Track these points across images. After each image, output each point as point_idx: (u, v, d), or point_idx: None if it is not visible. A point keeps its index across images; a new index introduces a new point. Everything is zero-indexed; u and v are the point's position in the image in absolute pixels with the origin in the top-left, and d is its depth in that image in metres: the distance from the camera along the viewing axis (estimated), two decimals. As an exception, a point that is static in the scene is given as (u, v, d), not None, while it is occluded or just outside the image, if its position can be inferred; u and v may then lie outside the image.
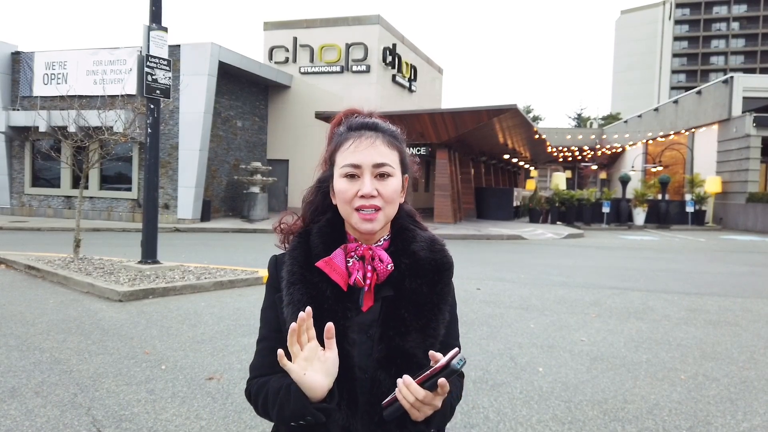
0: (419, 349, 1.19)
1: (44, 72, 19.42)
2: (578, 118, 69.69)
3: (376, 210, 1.19)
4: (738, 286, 9.08)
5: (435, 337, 1.22)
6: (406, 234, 1.28)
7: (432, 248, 1.29)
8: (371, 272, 1.22)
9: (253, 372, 1.29)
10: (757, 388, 4.36)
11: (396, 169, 1.23)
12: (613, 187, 34.88)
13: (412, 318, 1.20)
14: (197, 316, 6.21)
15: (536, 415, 3.73)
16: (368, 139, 1.22)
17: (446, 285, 1.27)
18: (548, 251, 13.88)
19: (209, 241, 14.32)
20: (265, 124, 23.30)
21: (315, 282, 1.20)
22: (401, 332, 1.19)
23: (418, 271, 1.24)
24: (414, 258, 1.25)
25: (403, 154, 1.28)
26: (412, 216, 1.35)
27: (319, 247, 1.24)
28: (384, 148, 1.22)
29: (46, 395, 3.86)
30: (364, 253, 1.22)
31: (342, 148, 1.24)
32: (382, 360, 1.17)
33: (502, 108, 18.14)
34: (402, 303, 1.21)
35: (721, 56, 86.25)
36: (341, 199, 1.22)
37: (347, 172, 1.20)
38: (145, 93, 8.34)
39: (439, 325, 1.23)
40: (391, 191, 1.21)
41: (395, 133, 1.28)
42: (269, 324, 1.28)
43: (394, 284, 1.23)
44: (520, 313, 6.74)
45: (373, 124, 1.26)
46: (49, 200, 20.02)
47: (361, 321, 1.21)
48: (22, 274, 8.57)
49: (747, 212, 23.40)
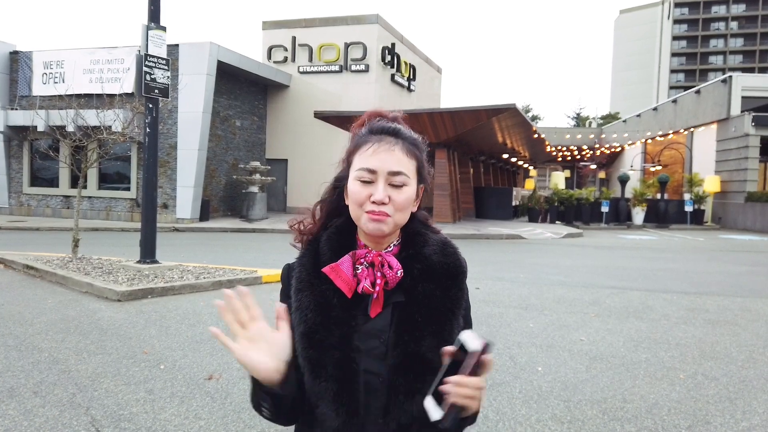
0: (435, 353, 1.16)
1: (42, 71, 19.39)
2: (577, 118, 69.70)
3: (386, 216, 1.18)
4: (737, 286, 9.08)
5: (449, 342, 1.18)
6: (417, 239, 1.27)
7: (444, 252, 1.27)
8: (381, 278, 1.20)
9: None
10: (756, 388, 4.36)
11: (411, 179, 1.22)
12: (612, 186, 34.93)
13: (426, 323, 1.19)
14: (196, 315, 6.20)
15: (535, 415, 3.72)
16: (387, 145, 1.20)
17: (460, 289, 1.25)
18: (547, 251, 13.89)
19: (208, 240, 14.31)
20: (263, 123, 23.28)
21: (322, 289, 1.19)
22: (416, 337, 1.18)
23: (431, 276, 1.22)
24: (426, 263, 1.23)
25: (421, 162, 1.26)
26: (425, 220, 1.34)
27: (328, 254, 1.23)
28: (402, 155, 1.21)
29: (45, 395, 3.85)
30: (373, 260, 1.21)
31: (360, 151, 1.22)
32: (399, 365, 1.16)
33: (501, 107, 18.14)
34: (415, 308, 1.20)
35: (719, 56, 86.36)
36: (353, 200, 1.20)
37: (362, 177, 1.19)
38: (144, 92, 8.32)
39: (453, 329, 1.21)
40: (404, 200, 1.20)
41: (416, 141, 1.27)
42: None
43: (405, 289, 1.21)
44: (519, 312, 6.74)
45: (395, 130, 1.24)
46: (47, 200, 19.99)
47: (371, 327, 1.20)
48: (21, 273, 8.55)
49: (746, 212, 23.42)
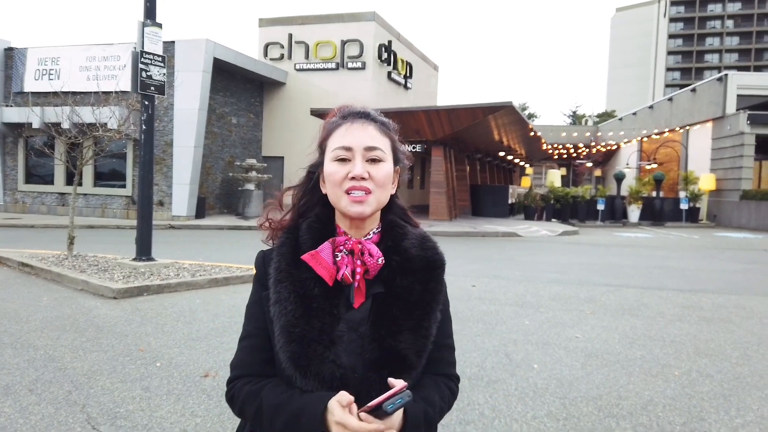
0: (411, 350, 1.16)
1: (37, 68, 19.29)
2: (573, 116, 69.83)
3: (367, 193, 1.16)
4: (732, 283, 9.12)
5: (427, 337, 1.19)
6: (396, 231, 1.25)
7: (423, 246, 1.25)
8: (361, 267, 1.18)
9: (236, 371, 1.24)
10: (750, 384, 4.39)
11: (388, 155, 1.21)
12: (608, 184, 35.01)
13: (404, 317, 1.17)
14: (192, 313, 6.20)
15: (531, 412, 3.74)
16: (360, 124, 1.20)
17: (438, 283, 1.24)
18: (543, 248, 13.91)
19: (204, 238, 14.29)
20: (260, 120, 23.23)
21: (303, 279, 1.17)
22: (393, 332, 1.16)
23: (410, 269, 1.21)
24: (405, 255, 1.21)
25: (395, 143, 1.26)
26: (404, 211, 1.32)
27: (308, 243, 1.21)
28: (376, 132, 1.21)
29: (41, 393, 3.84)
30: (353, 247, 1.19)
31: (334, 134, 1.22)
32: (374, 361, 1.14)
33: (498, 105, 18.15)
34: (393, 301, 1.18)
35: (715, 54, 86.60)
36: (331, 181, 1.18)
37: (338, 155, 1.18)
38: (140, 89, 8.29)
39: (431, 324, 1.20)
40: (383, 175, 1.19)
41: (387, 123, 1.27)
42: (255, 320, 1.24)
43: (384, 282, 1.20)
44: (515, 309, 6.76)
45: (365, 113, 1.24)
46: (42, 197, 19.91)
47: (351, 318, 1.18)
48: (16, 271, 8.52)
49: (740, 209, 23.51)
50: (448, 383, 1.27)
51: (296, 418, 1.09)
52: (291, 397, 1.13)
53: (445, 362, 1.28)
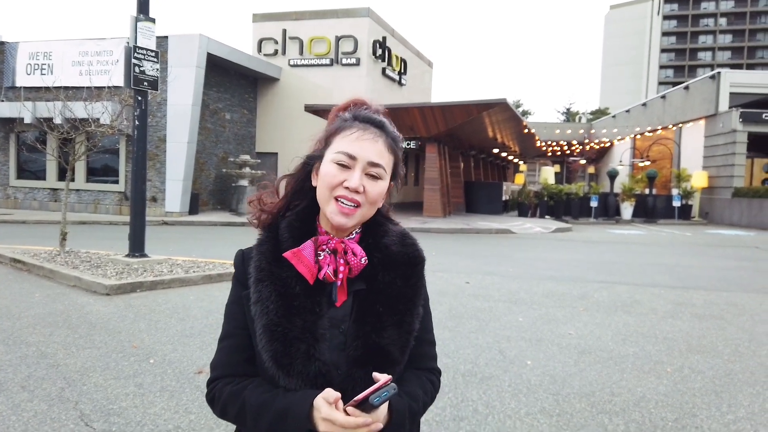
0: (395, 345, 1.17)
1: (29, 62, 19.14)
2: (567, 113, 70.03)
3: (356, 206, 1.16)
4: (723, 281, 9.18)
5: (410, 333, 1.20)
6: (377, 229, 1.26)
7: (403, 242, 1.27)
8: (344, 266, 1.18)
9: (216, 371, 1.23)
10: (742, 381, 4.42)
11: (387, 173, 1.21)
12: (601, 181, 35.15)
13: (387, 313, 1.18)
14: (186, 309, 6.18)
15: (524, 408, 3.75)
16: (371, 135, 1.19)
17: (419, 279, 1.26)
18: (537, 245, 13.96)
19: (197, 234, 14.24)
20: (253, 116, 23.15)
21: (283, 278, 1.16)
22: (377, 328, 1.17)
23: (391, 265, 1.22)
24: (386, 252, 1.23)
25: (398, 160, 1.26)
26: (386, 212, 1.33)
27: (289, 242, 1.20)
28: (384, 149, 1.20)
29: (33, 389, 3.83)
30: (336, 247, 1.19)
31: (343, 134, 1.20)
32: (359, 358, 1.15)
33: (492, 102, 18.17)
34: (376, 297, 1.19)
35: (708, 52, 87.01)
36: (325, 182, 1.18)
37: (340, 160, 1.17)
38: (133, 85, 8.25)
39: (414, 319, 1.21)
40: (377, 193, 1.19)
41: (398, 138, 1.26)
42: (235, 320, 1.23)
43: (366, 279, 1.20)
44: (508, 306, 6.78)
45: (381, 123, 1.23)
46: (34, 193, 19.79)
47: (333, 315, 1.18)
48: (8, 267, 8.47)
49: (732, 207, 23.66)
50: (430, 377, 1.30)
51: (282, 417, 1.09)
52: (275, 396, 1.12)
53: (426, 357, 1.30)
